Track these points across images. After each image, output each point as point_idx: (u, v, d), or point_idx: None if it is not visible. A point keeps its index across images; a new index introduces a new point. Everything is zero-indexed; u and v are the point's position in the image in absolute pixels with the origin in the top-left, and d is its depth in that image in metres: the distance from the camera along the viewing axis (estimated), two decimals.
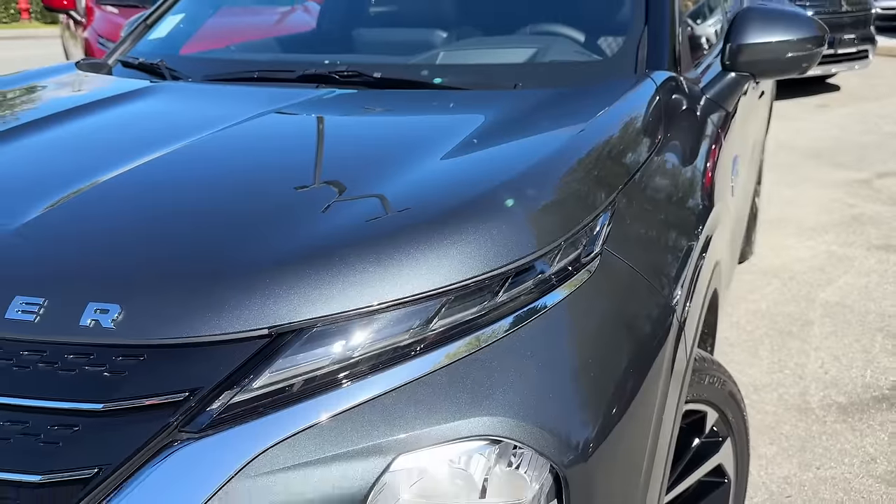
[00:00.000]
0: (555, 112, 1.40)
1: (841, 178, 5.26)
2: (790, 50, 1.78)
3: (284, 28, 3.24)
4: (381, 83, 1.66)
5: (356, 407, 0.84)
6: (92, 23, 5.12)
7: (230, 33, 2.44)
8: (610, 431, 0.95)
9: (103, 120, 1.44)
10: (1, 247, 0.97)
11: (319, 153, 1.29)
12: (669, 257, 1.20)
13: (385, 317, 0.88)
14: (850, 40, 7.84)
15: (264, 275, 0.87)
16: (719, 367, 1.50)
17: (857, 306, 3.31)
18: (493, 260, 0.95)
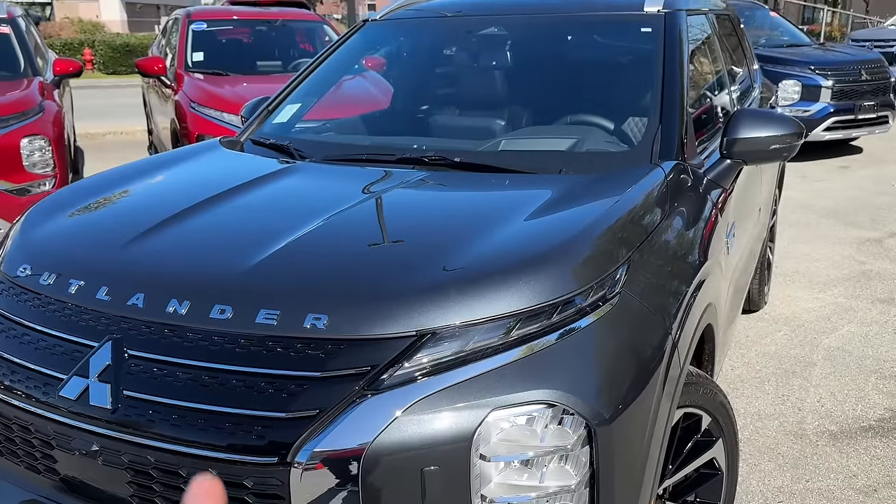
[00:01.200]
0: (591, 193, 1.95)
1: (854, 236, 5.70)
2: (774, 143, 2.31)
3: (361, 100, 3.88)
4: (460, 165, 2.23)
5: (467, 381, 1.37)
6: (182, 88, 5.85)
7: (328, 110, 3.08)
8: (624, 407, 1.47)
9: (273, 192, 2.03)
10: (244, 278, 1.54)
11: (436, 218, 1.88)
12: (669, 296, 1.72)
13: (484, 327, 1.43)
14: (870, 107, 8.31)
15: (412, 298, 1.43)
16: (712, 383, 2.00)
17: (857, 352, 3.75)
18: (549, 294, 1.50)
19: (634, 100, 2.53)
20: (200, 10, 7.09)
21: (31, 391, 1.54)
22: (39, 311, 1.63)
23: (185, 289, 1.53)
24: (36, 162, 4.79)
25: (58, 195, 2.18)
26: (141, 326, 1.50)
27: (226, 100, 5.49)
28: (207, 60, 6.31)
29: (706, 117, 2.67)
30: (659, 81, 2.35)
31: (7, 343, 1.64)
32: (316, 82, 2.97)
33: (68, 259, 1.73)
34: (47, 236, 1.88)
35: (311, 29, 7.20)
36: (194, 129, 5.37)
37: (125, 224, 1.84)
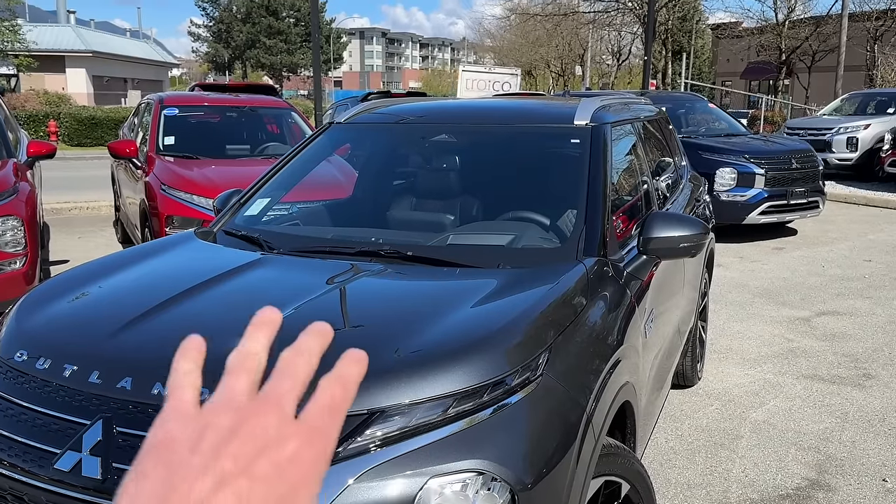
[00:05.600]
0: (522, 286, 2.26)
1: (785, 315, 6.13)
2: (683, 241, 2.67)
3: (326, 185, 4.20)
4: (413, 258, 2.53)
5: (410, 452, 1.63)
6: (153, 170, 6.12)
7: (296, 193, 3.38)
8: (544, 475, 1.74)
9: (245, 283, 2.30)
10: (221, 364, 1.79)
11: (389, 308, 2.17)
12: (585, 377, 2.01)
13: (426, 405, 1.70)
14: (801, 192, 8.96)
15: (367, 381, 1.69)
16: (630, 453, 2.28)
17: (780, 425, 4.07)
18: (484, 375, 1.78)
19: (563, 202, 2.89)
20: (173, 95, 7.44)
21: (26, 464, 1.74)
22: (35, 392, 1.85)
23: (168, 373, 1.77)
24: (8, 241, 4.98)
25: (48, 285, 2.41)
26: (129, 406, 1.73)
27: (195, 183, 5.77)
28: (178, 144, 6.62)
29: (630, 216, 3.04)
30: (584, 187, 2.71)
31: (3, 421, 1.85)
32: (284, 178, 3.28)
33: (62, 346, 1.96)
34: (41, 324, 2.10)
35: (279, 115, 7.59)
36: (164, 210, 5.62)
37: (113, 314, 2.09)
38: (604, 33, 40.78)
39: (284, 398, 0.43)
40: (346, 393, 0.45)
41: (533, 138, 3.20)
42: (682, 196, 4.21)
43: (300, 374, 0.44)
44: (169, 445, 0.41)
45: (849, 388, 4.57)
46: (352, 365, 0.46)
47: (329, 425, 0.43)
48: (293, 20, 54.74)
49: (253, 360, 0.45)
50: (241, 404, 0.42)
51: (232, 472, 0.38)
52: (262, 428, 0.41)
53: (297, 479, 0.40)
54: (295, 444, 0.41)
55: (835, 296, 6.69)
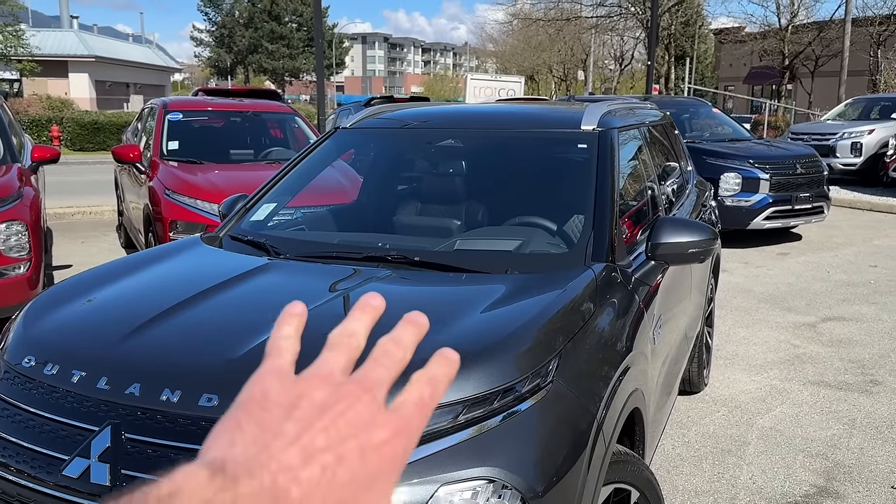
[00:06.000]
0: (531, 292, 2.25)
1: (790, 320, 6.10)
2: (691, 247, 2.66)
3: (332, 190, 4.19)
4: (420, 263, 2.52)
5: (421, 459, 1.62)
6: (157, 175, 6.12)
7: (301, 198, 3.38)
8: (555, 482, 1.72)
9: (252, 289, 2.28)
10: (229, 370, 1.78)
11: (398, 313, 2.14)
12: (595, 383, 2.00)
13: (436, 412, 1.68)
14: (805, 198, 8.94)
15: None
16: (640, 460, 2.27)
17: (787, 431, 4.05)
18: (493, 382, 1.76)
19: (571, 208, 2.88)
20: (176, 100, 7.44)
21: (34, 471, 1.73)
22: (43, 398, 1.84)
23: (177, 379, 1.76)
24: (12, 246, 4.97)
25: (55, 291, 2.40)
26: (137, 412, 1.72)
27: (199, 187, 5.76)
28: (182, 149, 6.62)
29: (637, 221, 3.03)
30: (592, 192, 2.70)
31: (11, 427, 1.84)
32: (290, 183, 3.27)
33: (70, 352, 1.95)
34: (49, 330, 2.09)
35: (283, 120, 7.59)
36: (168, 214, 5.61)
37: (121, 319, 2.08)
38: (606, 38, 40.85)
39: (378, 386, 0.44)
40: (435, 393, 0.46)
41: (540, 143, 3.19)
42: (688, 201, 4.20)
43: (395, 363, 0.46)
44: (263, 404, 0.41)
45: (856, 394, 4.55)
46: (444, 366, 0.47)
47: (415, 422, 0.44)
48: (295, 25, 54.86)
49: (354, 339, 0.46)
50: (337, 382, 0.43)
51: (322, 446, 0.39)
52: (356, 411, 0.41)
53: (378, 467, 0.41)
54: (384, 433, 0.41)
55: (840, 301, 6.66)
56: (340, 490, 0.39)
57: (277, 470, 0.38)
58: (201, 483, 0.36)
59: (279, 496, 0.37)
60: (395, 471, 0.42)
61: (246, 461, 0.38)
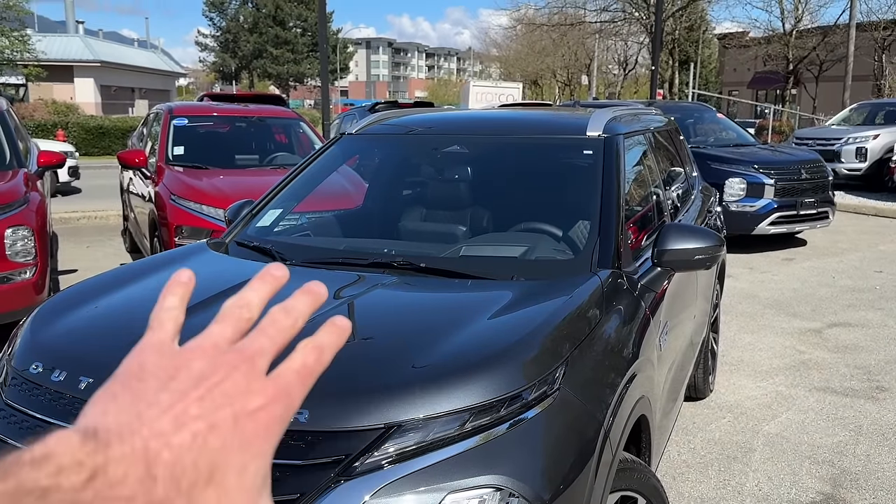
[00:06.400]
0: (537, 299, 2.25)
1: (796, 326, 6.09)
2: (697, 254, 2.66)
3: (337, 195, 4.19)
4: (425, 270, 2.52)
5: (427, 467, 1.61)
6: (162, 180, 6.14)
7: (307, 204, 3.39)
8: (562, 490, 1.72)
9: None
10: None
11: (404, 320, 2.15)
12: (602, 391, 1.99)
13: (442, 420, 1.68)
14: (810, 203, 8.92)
15: (383, 395, 1.68)
16: (646, 468, 2.26)
17: (794, 438, 4.03)
18: (499, 389, 1.76)
19: (576, 214, 2.88)
20: (182, 106, 7.47)
21: None
22: (50, 405, 1.84)
23: None
24: (18, 251, 4.99)
25: (62, 297, 2.41)
26: None
27: (204, 192, 5.78)
28: (187, 154, 6.64)
29: (643, 227, 3.02)
30: (598, 198, 2.70)
31: (19, 433, 1.84)
32: (296, 189, 3.27)
33: (78, 358, 1.95)
34: (56, 336, 2.10)
35: (288, 125, 7.61)
36: (173, 220, 5.63)
37: (128, 326, 2.08)
38: (610, 43, 40.87)
39: (259, 354, 0.44)
40: (319, 360, 0.46)
41: (545, 149, 3.19)
42: (693, 207, 4.19)
43: (281, 332, 0.46)
44: (140, 375, 0.43)
45: (862, 400, 4.53)
46: (332, 334, 0.47)
47: (296, 388, 0.45)
48: (300, 30, 55.00)
49: (245, 310, 0.47)
50: (217, 352, 0.44)
51: (195, 414, 0.40)
52: (232, 380, 0.42)
53: (253, 432, 0.42)
54: (259, 400, 0.42)
55: (846, 307, 6.64)
56: (213, 454, 0.40)
57: (149, 436, 0.39)
58: (73, 446, 0.37)
59: (150, 459, 0.38)
60: (271, 434, 0.43)
61: (118, 428, 0.39)
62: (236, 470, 0.41)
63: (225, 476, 0.40)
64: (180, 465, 0.39)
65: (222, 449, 0.40)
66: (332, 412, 1.65)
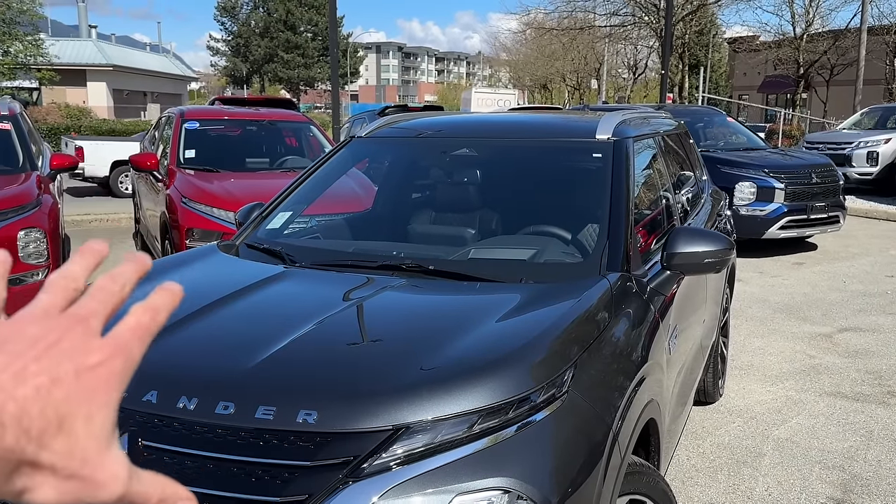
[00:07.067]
0: (546, 301, 2.25)
1: (806, 331, 6.05)
2: (707, 257, 2.65)
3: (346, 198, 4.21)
4: (434, 272, 2.53)
5: (435, 469, 1.62)
6: (174, 183, 6.18)
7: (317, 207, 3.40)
8: (570, 493, 1.72)
9: (268, 297, 2.30)
10: (245, 378, 1.79)
11: (413, 322, 2.16)
12: (611, 394, 1.99)
13: (450, 422, 1.68)
14: (821, 207, 8.87)
15: (392, 397, 1.69)
16: (655, 472, 2.26)
17: (804, 443, 4.01)
18: (508, 392, 1.76)
19: (585, 217, 2.88)
20: (193, 109, 7.51)
21: None
22: None
23: (194, 387, 1.78)
24: (31, 253, 5.03)
25: None
26: (154, 420, 1.74)
27: (215, 195, 5.81)
28: (199, 157, 6.68)
29: (652, 230, 3.02)
30: (607, 202, 2.70)
31: None
32: (306, 192, 3.29)
33: None
34: None
35: (298, 129, 7.64)
36: (185, 222, 5.66)
37: None
38: (620, 47, 40.80)
39: (92, 316, 0.46)
40: (153, 319, 0.49)
41: (554, 152, 3.19)
42: (703, 210, 4.18)
43: (110, 296, 0.48)
44: None
45: (873, 405, 4.50)
46: (164, 296, 0.50)
47: (132, 344, 0.47)
48: (310, 35, 55.21)
49: (71, 281, 0.49)
50: (48, 318, 0.46)
51: (35, 371, 0.42)
52: (69, 340, 0.45)
53: (95, 384, 0.44)
54: (98, 356, 0.45)
55: (857, 312, 6.60)
56: (58, 405, 0.42)
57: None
58: None
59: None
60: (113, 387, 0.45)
61: None
62: (83, 418, 0.43)
63: (73, 424, 0.43)
64: (27, 415, 0.41)
65: (67, 400, 0.43)
66: (341, 413, 1.66)
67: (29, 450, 0.42)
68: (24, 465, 0.42)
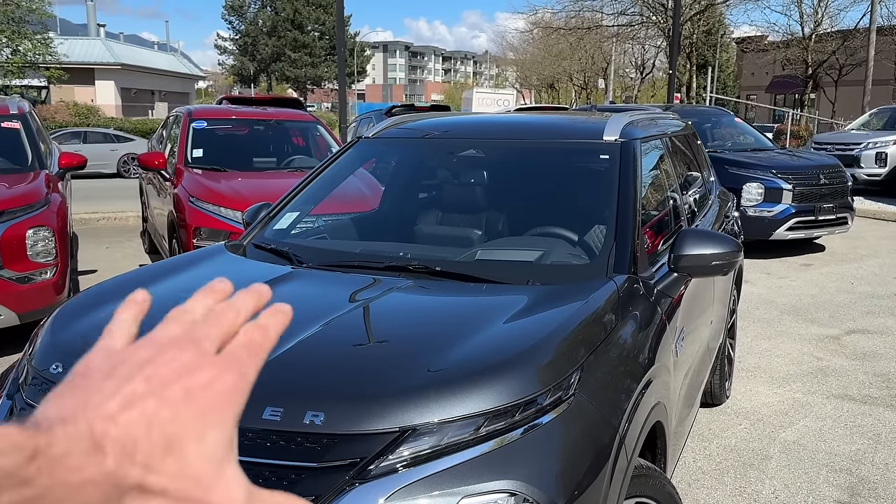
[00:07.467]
0: (553, 303, 2.25)
1: (814, 333, 6.03)
2: (715, 259, 2.64)
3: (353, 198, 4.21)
4: (441, 273, 2.53)
5: (441, 471, 1.62)
6: (181, 182, 6.19)
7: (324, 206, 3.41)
8: (576, 496, 1.72)
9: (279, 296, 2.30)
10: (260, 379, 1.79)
11: (419, 324, 2.17)
12: (618, 397, 1.99)
13: (456, 424, 1.69)
14: (829, 208, 8.83)
15: (398, 399, 1.69)
16: (661, 475, 2.25)
17: (811, 445, 3.99)
18: (514, 394, 1.76)
19: (592, 219, 2.88)
20: (201, 109, 7.54)
21: None
22: None
23: None
24: (39, 251, 5.05)
25: (82, 298, 2.44)
26: None
27: (223, 195, 5.82)
28: (206, 157, 6.69)
29: (660, 232, 3.02)
30: (614, 204, 2.69)
31: None
32: (313, 192, 3.29)
33: None
34: (76, 337, 2.13)
35: (305, 128, 7.66)
36: (192, 221, 5.68)
37: (146, 328, 2.10)
38: (627, 46, 40.71)
39: (205, 338, 0.46)
40: (265, 336, 0.48)
41: (561, 154, 3.19)
42: (710, 212, 4.17)
43: (225, 321, 0.47)
44: (87, 373, 0.44)
45: (881, 408, 4.48)
46: (276, 315, 0.50)
47: (245, 361, 0.46)
48: (318, 34, 55.29)
49: (188, 315, 0.48)
50: (161, 343, 0.45)
51: (142, 393, 0.41)
52: (179, 360, 0.43)
53: (207, 405, 0.42)
54: (208, 373, 0.43)
55: (864, 314, 6.57)
56: (165, 426, 0.41)
57: (94, 417, 0.40)
58: (10, 433, 0.38)
59: (97, 437, 0.39)
60: (229, 404, 0.44)
61: (61, 414, 0.40)
62: (194, 438, 0.42)
63: (183, 445, 0.41)
64: (130, 438, 0.40)
65: (175, 420, 0.41)
66: (348, 415, 1.67)
67: (133, 474, 0.40)
68: (132, 490, 0.40)
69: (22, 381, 2.06)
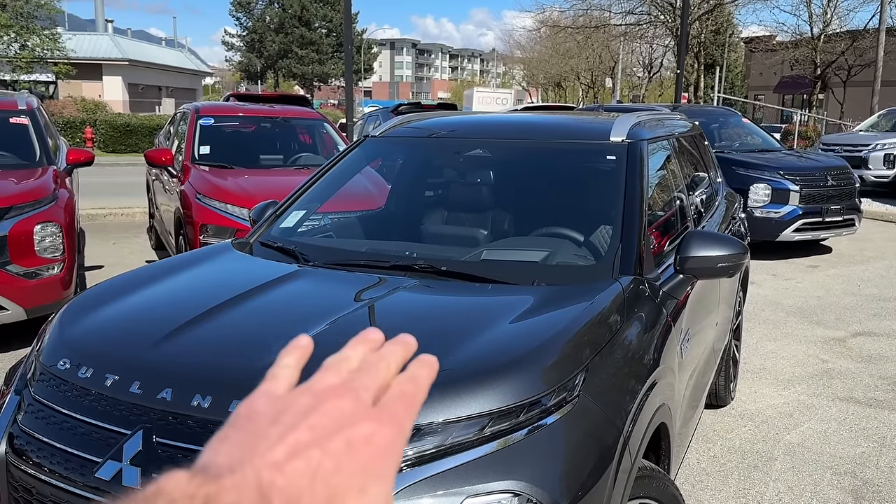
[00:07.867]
0: (558, 304, 2.25)
1: (819, 335, 6.01)
2: (721, 261, 2.64)
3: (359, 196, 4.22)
4: (446, 273, 2.53)
5: (445, 471, 1.63)
6: (188, 179, 6.21)
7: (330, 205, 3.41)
8: (580, 497, 1.72)
9: (282, 296, 2.32)
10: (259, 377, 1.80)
11: (424, 323, 2.17)
12: (621, 396, 1.99)
13: (461, 424, 1.69)
14: (836, 210, 8.80)
15: None
16: (665, 476, 2.25)
17: (815, 448, 3.99)
18: (519, 395, 1.77)
19: (599, 219, 2.88)
20: (209, 106, 7.55)
21: (67, 472, 1.77)
22: (77, 401, 1.88)
23: (208, 385, 1.79)
24: (47, 247, 5.08)
25: (90, 294, 2.46)
26: (168, 417, 1.75)
27: (230, 192, 5.84)
28: (213, 154, 6.71)
29: (666, 233, 3.01)
30: (620, 204, 2.69)
31: (46, 428, 1.88)
32: (320, 191, 3.30)
33: (104, 356, 1.99)
34: (84, 333, 2.14)
35: (312, 126, 7.67)
36: (199, 218, 5.69)
37: (153, 324, 2.12)
38: (635, 46, 40.62)
39: (362, 389, 0.46)
40: (417, 388, 0.49)
41: (568, 154, 3.19)
42: (717, 213, 4.16)
43: (378, 372, 0.48)
44: (252, 417, 0.44)
45: (886, 411, 4.47)
46: (423, 366, 0.51)
47: (402, 413, 0.46)
48: (325, 31, 55.30)
49: (346, 362, 0.49)
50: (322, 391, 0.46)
51: (306, 442, 0.41)
52: (340, 408, 0.44)
53: (368, 458, 0.43)
54: (369, 426, 0.44)
55: (871, 316, 6.55)
56: (329, 478, 0.41)
57: (261, 465, 0.40)
58: (182, 481, 0.39)
59: (264, 487, 0.39)
60: (388, 457, 0.44)
61: (229, 461, 0.41)
62: (356, 493, 0.41)
63: (345, 498, 0.41)
64: (296, 489, 0.40)
65: (338, 472, 0.41)
66: None
67: None
68: None
69: (30, 377, 2.08)
